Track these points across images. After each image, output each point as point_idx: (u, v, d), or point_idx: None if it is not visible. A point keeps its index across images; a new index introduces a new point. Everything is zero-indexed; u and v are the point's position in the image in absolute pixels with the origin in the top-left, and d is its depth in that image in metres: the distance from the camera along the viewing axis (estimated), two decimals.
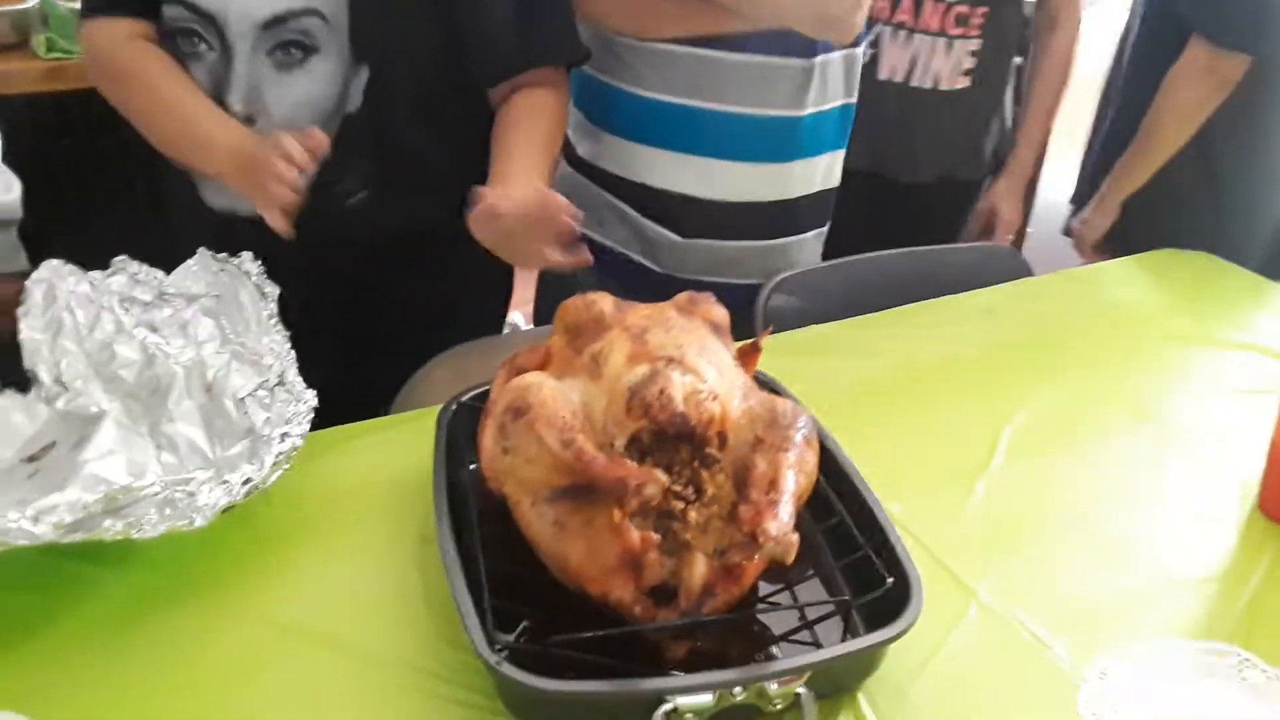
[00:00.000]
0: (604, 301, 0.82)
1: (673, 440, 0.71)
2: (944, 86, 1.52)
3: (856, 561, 0.75)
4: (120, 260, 1.02)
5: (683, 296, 0.85)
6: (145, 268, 1.01)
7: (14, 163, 1.32)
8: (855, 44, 1.26)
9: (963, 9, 1.47)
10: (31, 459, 0.87)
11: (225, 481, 0.76)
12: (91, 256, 1.03)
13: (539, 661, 0.63)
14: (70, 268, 1.00)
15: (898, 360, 1.15)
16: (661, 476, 0.68)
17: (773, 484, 0.70)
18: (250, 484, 0.78)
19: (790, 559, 0.67)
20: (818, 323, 1.21)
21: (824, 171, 1.32)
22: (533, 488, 0.72)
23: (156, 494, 0.73)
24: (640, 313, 0.81)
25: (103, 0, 1.09)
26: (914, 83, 1.52)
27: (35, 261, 1.25)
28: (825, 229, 1.38)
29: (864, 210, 1.43)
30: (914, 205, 1.57)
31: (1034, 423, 1.04)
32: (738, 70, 1.19)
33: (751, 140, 1.23)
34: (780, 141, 1.25)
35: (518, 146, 1.05)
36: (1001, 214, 1.61)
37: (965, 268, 1.35)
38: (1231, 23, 1.39)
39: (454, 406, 0.89)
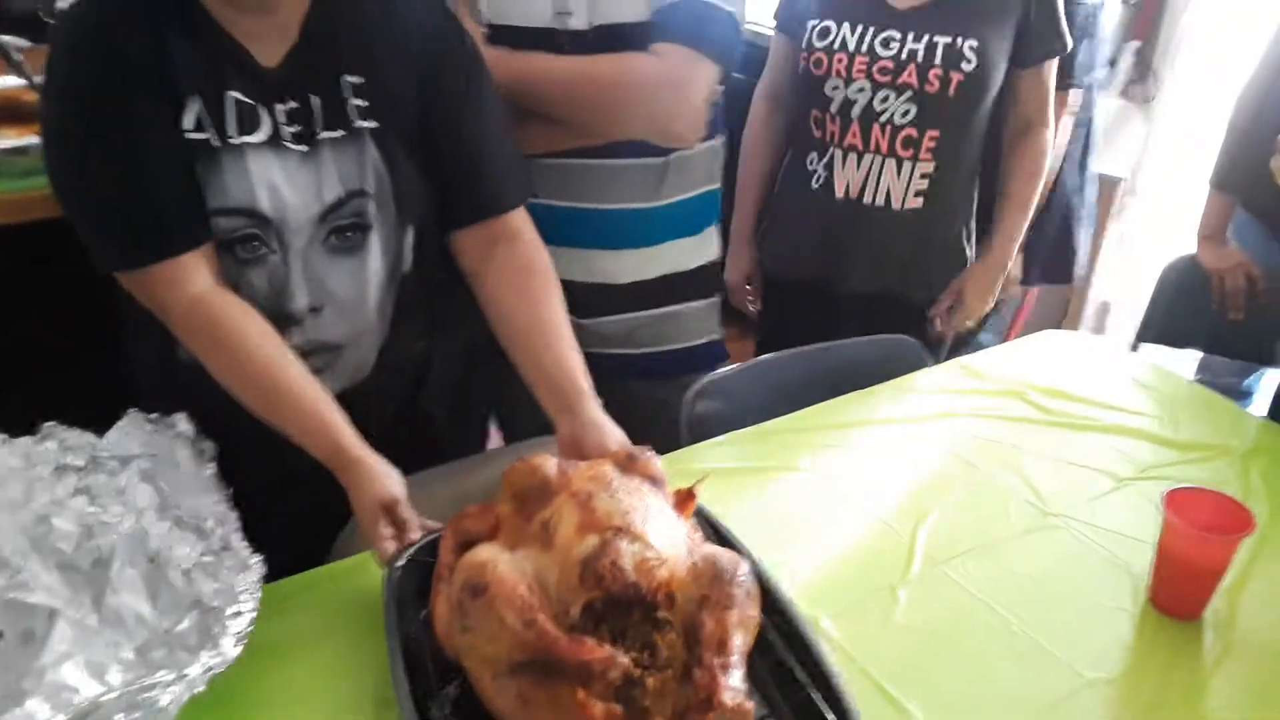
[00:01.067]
0: (547, 465, 0.86)
1: (625, 606, 0.76)
2: (895, 205, 1.56)
3: (800, 701, 0.81)
4: (49, 425, 1.00)
5: (621, 453, 0.90)
6: (76, 432, 1.00)
7: None
8: (710, 138, 1.39)
9: (910, 131, 1.51)
10: None
11: (186, 676, 0.77)
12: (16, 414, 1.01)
13: None
14: (2, 440, 0.98)
15: (816, 466, 1.22)
16: (622, 658, 0.72)
17: (722, 644, 0.75)
18: (211, 672, 0.79)
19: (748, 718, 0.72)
20: (737, 425, 1.28)
21: (695, 249, 1.45)
22: (494, 662, 0.76)
23: (119, 698, 0.74)
24: (584, 475, 0.85)
25: (169, 237, 1.00)
26: (865, 199, 1.57)
27: None
28: (717, 299, 1.51)
29: (812, 319, 1.55)
30: (861, 318, 1.59)
31: (943, 524, 1.12)
32: (599, 172, 1.33)
33: (622, 229, 1.37)
34: (645, 228, 1.39)
35: (570, 355, 1.06)
36: (967, 299, 1.64)
37: (874, 361, 1.43)
38: None
39: (399, 565, 0.90)
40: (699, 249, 1.46)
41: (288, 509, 1.04)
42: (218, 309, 1.00)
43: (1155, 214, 2.53)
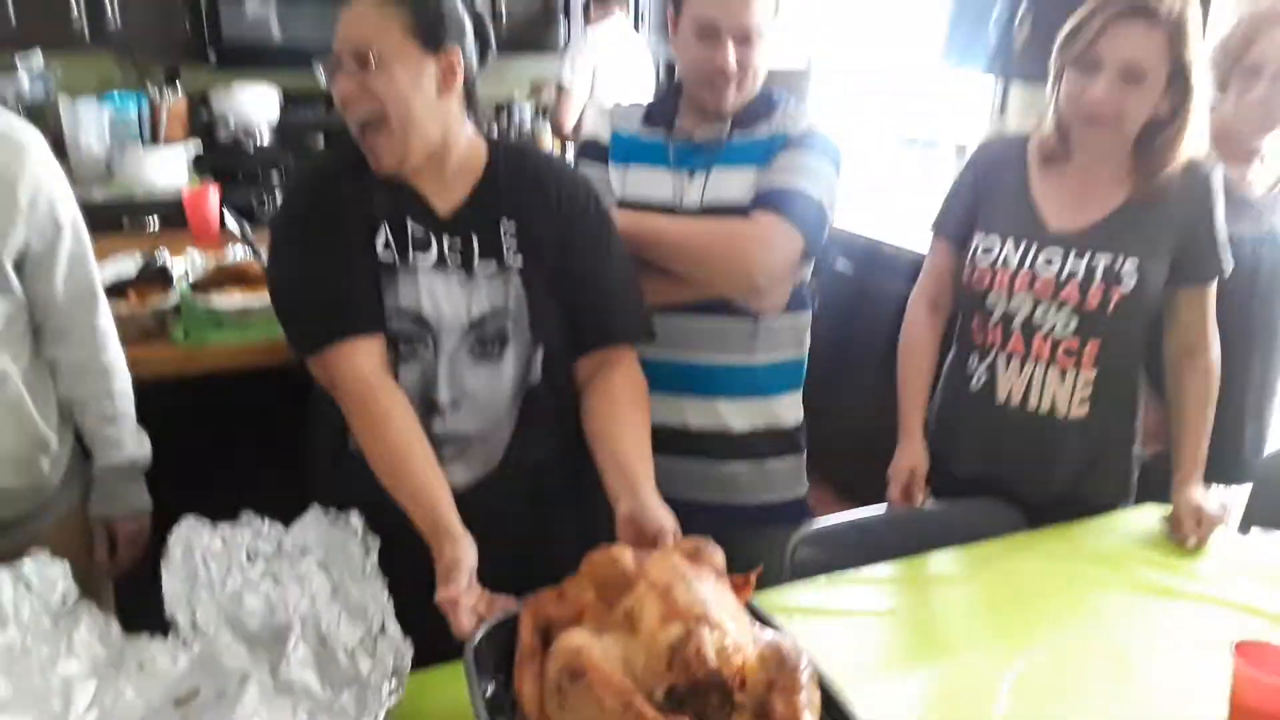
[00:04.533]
0: (626, 556, 1.00)
1: (705, 690, 0.88)
2: (1060, 414, 1.58)
3: None
4: (246, 515, 1.22)
5: (687, 544, 1.04)
6: (267, 523, 1.21)
7: (146, 422, 1.57)
8: (797, 309, 1.60)
9: (1071, 343, 1.55)
10: (179, 702, 1.04)
11: None
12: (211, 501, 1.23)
13: None
14: (204, 524, 1.20)
15: (909, 609, 1.31)
16: None
17: (791, 714, 0.86)
18: None
19: None
20: (838, 569, 1.38)
21: (786, 408, 1.64)
22: None
23: None
24: (660, 565, 0.98)
25: (347, 324, 1.28)
26: (1029, 407, 1.60)
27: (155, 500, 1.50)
28: (802, 456, 1.67)
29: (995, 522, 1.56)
30: (1043, 521, 1.57)
31: (1031, 673, 1.18)
32: (700, 328, 1.57)
33: (720, 381, 1.59)
34: (741, 382, 1.59)
35: (637, 452, 1.27)
36: (1198, 513, 1.52)
37: (969, 523, 1.52)
38: None
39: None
40: (788, 409, 1.66)
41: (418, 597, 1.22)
42: (375, 386, 1.27)
43: None
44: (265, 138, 3.62)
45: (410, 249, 1.31)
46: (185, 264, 2.03)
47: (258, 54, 3.51)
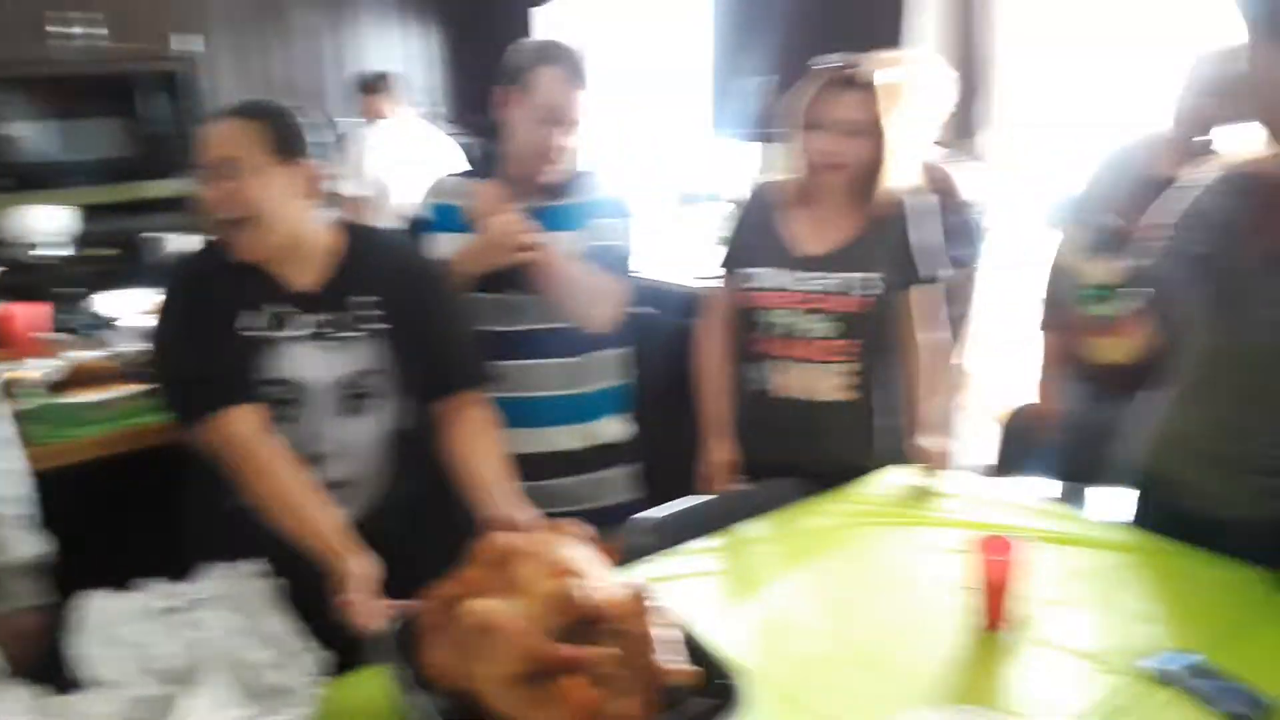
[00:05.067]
0: (504, 537, 1.23)
1: (588, 625, 1.11)
2: (831, 400, 1.92)
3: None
4: (144, 582, 1.34)
5: (548, 524, 1.29)
6: (169, 584, 1.34)
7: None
8: (621, 343, 1.93)
9: (832, 344, 1.90)
10: None
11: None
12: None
13: None
14: (110, 593, 1.32)
15: (729, 569, 1.60)
16: (605, 652, 1.07)
17: (653, 637, 1.11)
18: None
19: (683, 680, 1.07)
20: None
21: (619, 427, 1.99)
22: (504, 678, 1.08)
23: None
24: (533, 539, 1.22)
25: (226, 396, 1.46)
26: (807, 398, 1.93)
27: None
28: (633, 466, 2.00)
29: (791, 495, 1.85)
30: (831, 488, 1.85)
31: (825, 594, 1.49)
32: (543, 369, 1.88)
33: (563, 410, 1.91)
34: (579, 410, 1.91)
35: (499, 475, 1.52)
36: (930, 455, 1.88)
37: (771, 498, 1.82)
38: None
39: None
40: (618, 428, 1.99)
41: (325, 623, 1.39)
42: (257, 444, 1.47)
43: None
44: (64, 251, 3.61)
45: (277, 325, 1.51)
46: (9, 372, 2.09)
47: (45, 175, 3.53)
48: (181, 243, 3.87)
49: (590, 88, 1.84)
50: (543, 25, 4.49)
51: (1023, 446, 2.31)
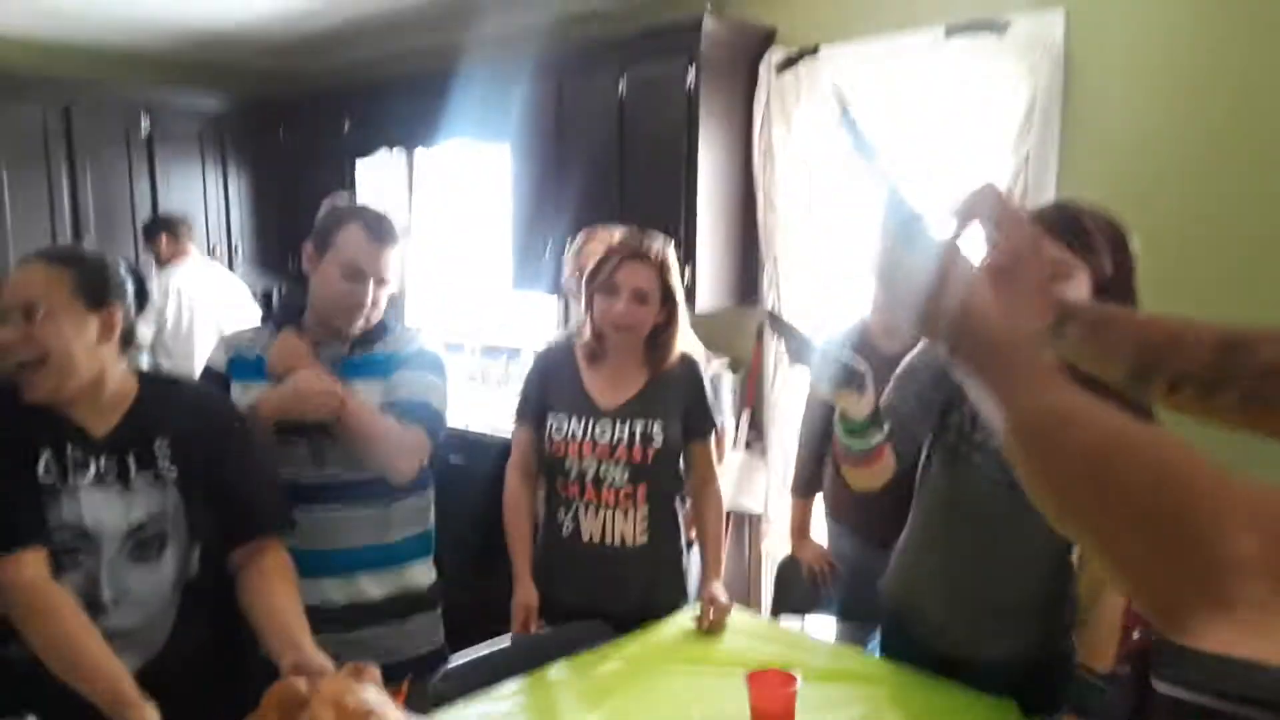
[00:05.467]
0: (300, 682, 1.25)
1: None
2: (629, 544, 2.05)
3: None
4: None
5: (349, 667, 1.30)
6: None
7: None
8: (424, 488, 1.97)
9: (627, 489, 2.04)
10: None
11: None
12: None
13: None
14: None
15: (533, 710, 1.64)
16: None
17: None
18: None
19: None
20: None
21: (423, 573, 2.00)
22: None
23: None
24: (328, 684, 1.24)
25: (13, 538, 1.42)
26: (607, 542, 2.05)
27: None
28: (438, 611, 2.01)
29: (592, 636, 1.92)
30: (627, 629, 1.95)
31: None
32: (346, 521, 1.89)
33: (366, 560, 1.91)
34: (383, 557, 1.93)
35: (297, 622, 1.51)
36: (717, 604, 1.97)
37: (573, 640, 1.90)
38: None
39: None
40: (422, 574, 2.00)
41: None
42: (43, 589, 1.42)
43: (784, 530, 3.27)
44: None
45: (70, 470, 1.48)
46: None
47: None
48: None
49: (395, 246, 1.94)
50: (365, 176, 4.61)
51: (799, 589, 2.50)
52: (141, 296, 1.60)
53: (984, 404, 0.73)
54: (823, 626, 2.54)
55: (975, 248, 0.79)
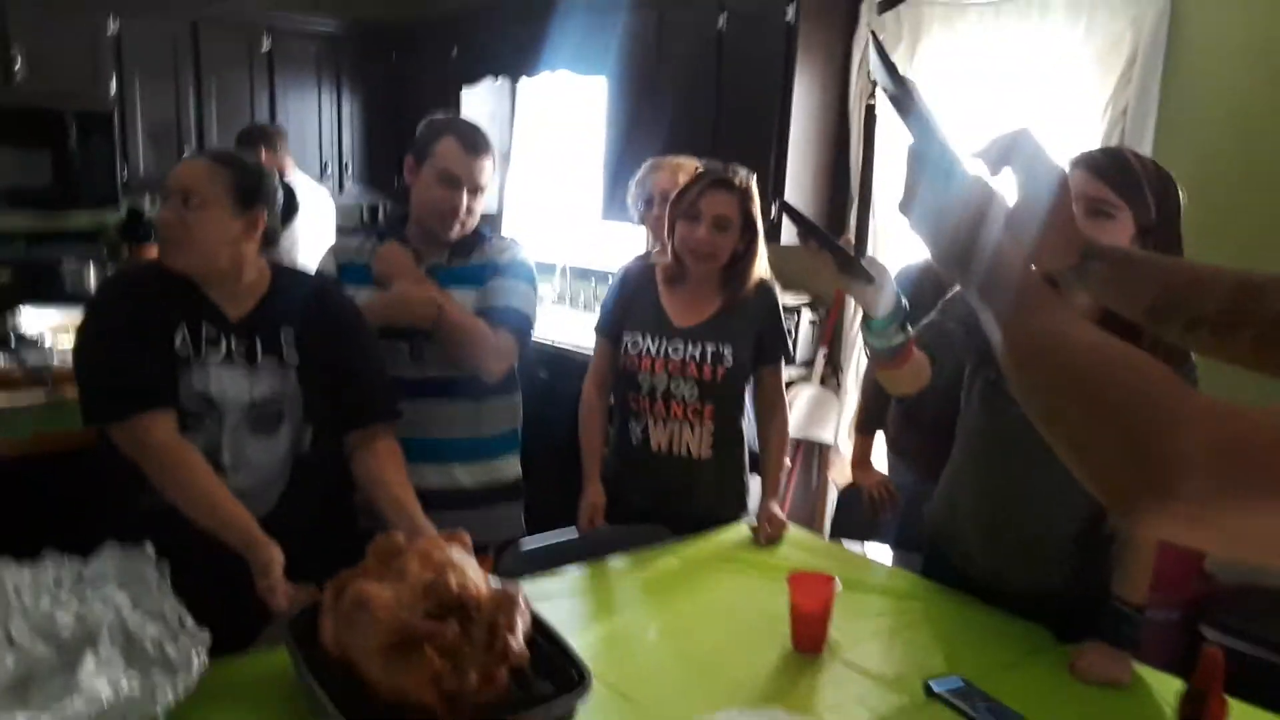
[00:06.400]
0: (399, 535, 1.42)
1: (451, 610, 1.30)
2: (695, 455, 2.17)
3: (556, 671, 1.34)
4: (48, 552, 1.46)
5: (445, 534, 1.47)
6: (67, 558, 1.46)
7: None
8: (513, 389, 2.14)
9: (695, 405, 2.15)
10: (14, 687, 1.28)
11: (170, 686, 1.24)
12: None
13: None
14: (11, 562, 1.43)
15: (590, 592, 1.78)
16: (455, 627, 1.26)
17: (510, 627, 1.30)
18: (186, 687, 1.26)
19: (525, 662, 1.26)
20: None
21: (508, 467, 2.17)
22: (372, 647, 1.26)
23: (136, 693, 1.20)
24: (423, 541, 1.41)
25: (150, 400, 1.61)
26: (674, 453, 2.18)
27: None
28: (521, 503, 2.20)
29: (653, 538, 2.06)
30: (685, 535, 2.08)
31: (670, 620, 1.70)
32: (444, 411, 2.07)
33: (459, 450, 2.08)
34: (470, 448, 2.09)
35: (410, 497, 1.70)
36: (774, 520, 2.10)
37: (635, 539, 2.04)
38: None
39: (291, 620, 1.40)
40: (509, 468, 2.17)
41: (221, 612, 1.52)
42: (177, 446, 1.62)
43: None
44: None
45: (203, 345, 1.67)
46: None
47: None
48: (95, 271, 4.00)
49: (490, 157, 2.07)
50: (470, 103, 4.77)
51: (859, 516, 2.59)
52: (289, 208, 1.77)
53: (988, 327, 0.79)
54: (879, 553, 2.64)
55: (1005, 187, 0.85)
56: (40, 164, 4.07)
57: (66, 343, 2.50)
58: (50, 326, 2.76)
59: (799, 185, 3.32)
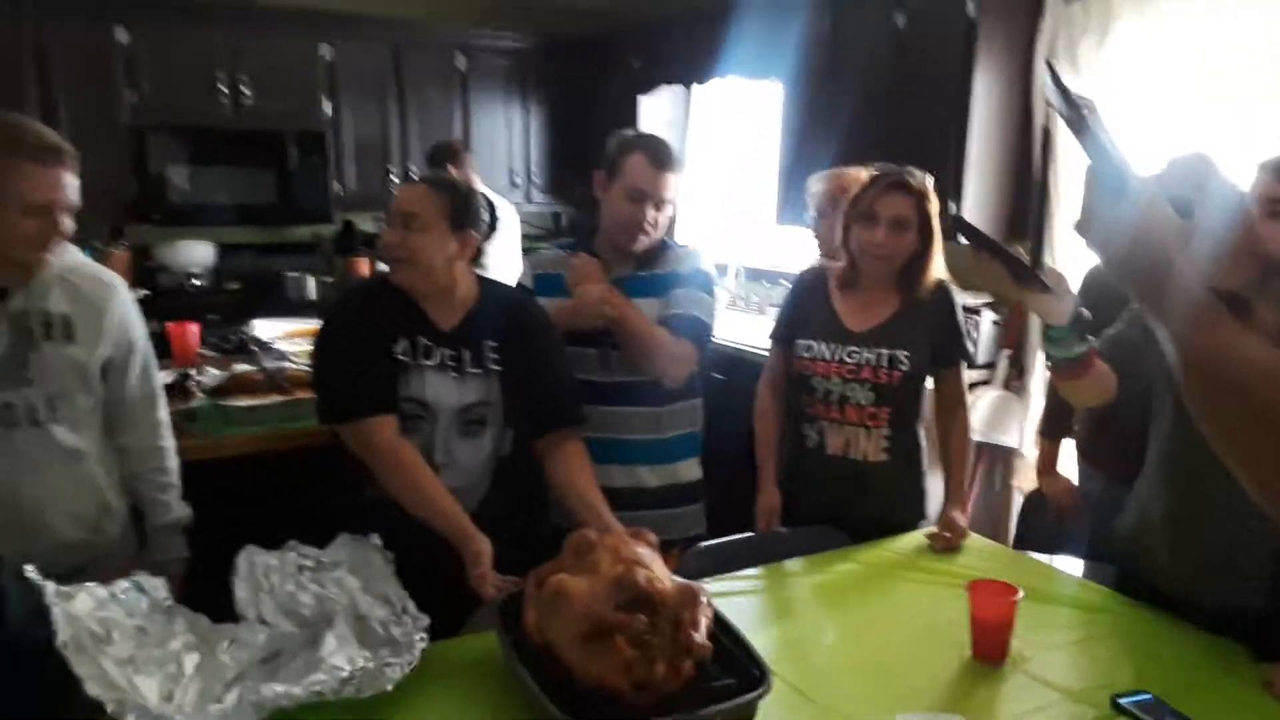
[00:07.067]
0: (591, 532, 1.54)
1: (638, 603, 1.40)
2: (870, 460, 2.17)
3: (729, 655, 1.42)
4: (291, 543, 1.67)
5: (631, 530, 1.58)
6: (307, 547, 1.66)
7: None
8: (693, 395, 2.24)
9: (871, 410, 2.16)
10: (265, 661, 1.48)
11: (398, 663, 1.40)
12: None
13: None
14: (261, 550, 1.64)
15: (768, 593, 1.86)
16: (643, 621, 1.36)
17: (694, 623, 1.39)
18: (411, 665, 1.41)
19: (708, 656, 1.34)
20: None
21: (689, 469, 2.30)
22: (571, 635, 1.38)
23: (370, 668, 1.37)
24: (612, 539, 1.52)
25: (376, 404, 1.80)
26: (849, 456, 2.19)
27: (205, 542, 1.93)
28: (701, 504, 2.30)
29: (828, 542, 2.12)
30: (863, 540, 2.10)
31: (846, 624, 1.74)
32: (629, 416, 2.20)
33: (643, 453, 2.22)
34: (653, 451, 2.21)
35: (598, 497, 1.85)
36: (955, 528, 2.08)
37: (810, 543, 2.09)
38: None
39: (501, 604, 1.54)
40: (690, 470, 2.28)
41: (433, 598, 1.69)
42: (400, 446, 1.81)
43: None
44: (202, 281, 4.14)
45: (419, 353, 1.86)
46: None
47: (190, 214, 4.10)
48: (314, 282, 4.41)
49: (677, 172, 2.17)
50: (647, 112, 4.91)
51: (1044, 525, 2.52)
52: (493, 225, 1.94)
53: (1165, 347, 0.80)
54: (1069, 565, 2.55)
55: (1182, 207, 0.86)
56: (265, 182, 4.52)
57: (295, 348, 2.79)
58: (281, 334, 3.08)
59: (978, 183, 3.25)
